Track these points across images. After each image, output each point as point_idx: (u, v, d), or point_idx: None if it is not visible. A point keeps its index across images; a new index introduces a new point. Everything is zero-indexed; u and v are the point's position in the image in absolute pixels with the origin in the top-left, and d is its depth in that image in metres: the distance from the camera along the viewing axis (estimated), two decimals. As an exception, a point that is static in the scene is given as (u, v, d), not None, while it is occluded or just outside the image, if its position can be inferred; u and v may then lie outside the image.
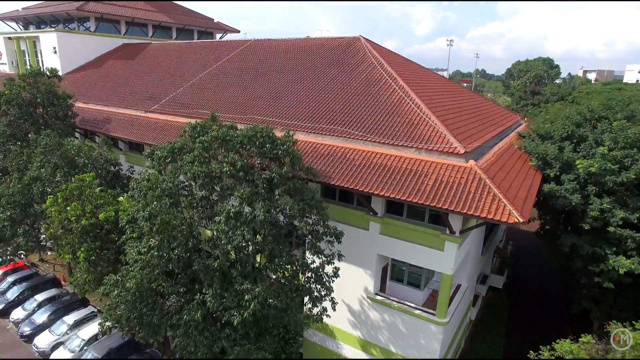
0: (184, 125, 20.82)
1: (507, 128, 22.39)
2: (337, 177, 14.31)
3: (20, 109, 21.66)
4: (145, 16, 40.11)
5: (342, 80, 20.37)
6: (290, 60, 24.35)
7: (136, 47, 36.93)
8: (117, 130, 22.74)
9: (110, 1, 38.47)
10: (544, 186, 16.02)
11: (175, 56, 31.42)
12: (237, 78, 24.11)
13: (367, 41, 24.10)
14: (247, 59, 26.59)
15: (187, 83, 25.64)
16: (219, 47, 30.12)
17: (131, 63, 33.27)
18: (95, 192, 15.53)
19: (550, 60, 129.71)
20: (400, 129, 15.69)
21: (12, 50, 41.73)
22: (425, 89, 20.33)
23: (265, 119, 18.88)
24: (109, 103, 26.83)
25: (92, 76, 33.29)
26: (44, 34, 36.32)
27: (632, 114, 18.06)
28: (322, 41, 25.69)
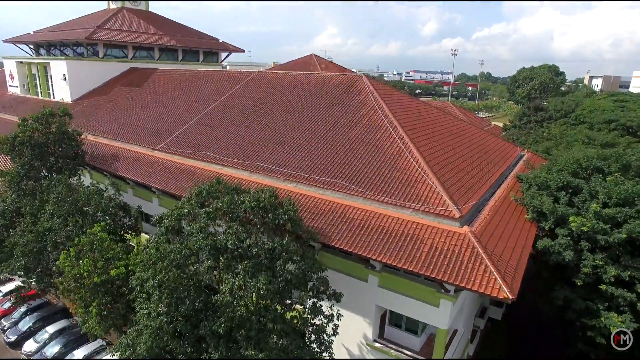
0: (189, 167, 21.62)
1: (506, 169, 22.83)
2: (337, 238, 14.91)
3: (33, 151, 22.45)
4: (152, 41, 40.92)
5: (344, 124, 20.94)
6: (293, 98, 24.94)
7: (143, 72, 37.72)
8: (125, 169, 23.47)
9: (118, 28, 39.31)
10: (538, 243, 16.50)
11: (181, 86, 32.13)
12: (241, 116, 24.75)
13: (369, 79, 24.70)
14: (251, 94, 27.22)
15: (192, 119, 26.32)
16: (224, 78, 30.81)
17: (138, 92, 34.03)
18: (105, 245, 16.24)
19: (556, 67, 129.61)
20: (399, 186, 16.25)
21: (24, 74, 42.73)
22: (423, 134, 20.83)
23: (269, 167, 19.50)
24: (117, 137, 27.58)
25: (100, 105, 34.09)
26: (54, 61, 37.20)
27: (627, 164, 18.46)
28: (325, 77, 26.27)
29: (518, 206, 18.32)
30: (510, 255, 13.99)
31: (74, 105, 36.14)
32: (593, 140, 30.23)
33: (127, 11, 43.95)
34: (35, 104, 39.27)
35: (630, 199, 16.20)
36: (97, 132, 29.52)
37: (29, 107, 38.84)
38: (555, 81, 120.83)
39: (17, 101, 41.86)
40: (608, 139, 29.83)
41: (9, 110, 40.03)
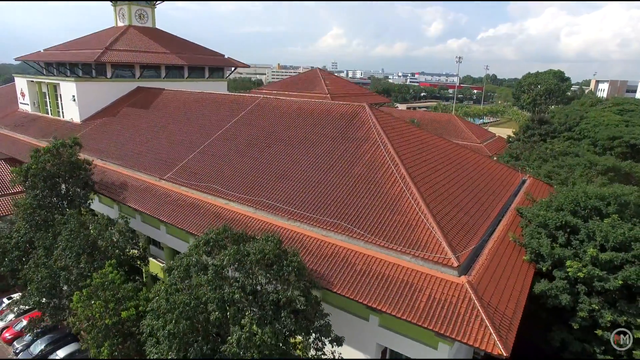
0: (196, 201, 22.19)
1: (508, 199, 23.19)
2: (339, 284, 15.42)
3: (45, 182, 23.17)
4: (159, 60, 41.64)
5: (347, 160, 21.46)
6: (298, 129, 25.46)
7: (149, 93, 38.44)
8: (134, 200, 24.12)
9: (126, 49, 40.05)
10: (535, 286, 16.90)
11: (187, 109, 32.77)
12: (247, 146, 25.31)
13: (372, 109, 25.13)
14: (256, 121, 27.80)
15: (198, 147, 26.93)
16: (229, 103, 31.39)
17: (145, 114, 34.71)
18: (116, 286, 16.88)
19: (561, 73, 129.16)
20: (399, 230, 16.73)
21: (34, 92, 43.63)
22: (425, 168, 21.27)
23: (274, 204, 20.05)
24: (125, 164, 28.24)
25: (108, 127, 34.81)
26: (64, 82, 38.01)
27: (625, 204, 18.77)
28: (329, 106, 26.77)
29: (517, 246, 18.71)
30: (506, 305, 14.42)
31: (83, 125, 36.96)
32: (595, 165, 30.46)
33: (134, 29, 44.70)
34: (46, 123, 40.17)
35: (627, 242, 16.56)
36: (105, 156, 30.22)
37: (40, 127, 39.76)
38: (560, 87, 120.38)
39: (28, 119, 42.75)
40: (609, 164, 30.04)
41: (21, 129, 40.91)
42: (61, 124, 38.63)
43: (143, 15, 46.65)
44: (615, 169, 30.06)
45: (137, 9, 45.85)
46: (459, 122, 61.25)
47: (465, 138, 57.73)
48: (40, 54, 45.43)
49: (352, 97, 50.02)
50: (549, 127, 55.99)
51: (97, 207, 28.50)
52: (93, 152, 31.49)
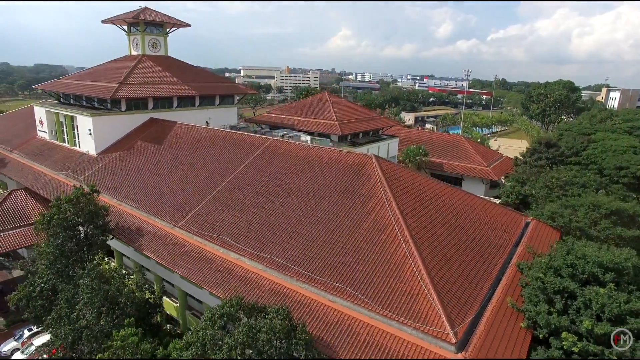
0: (209, 254, 23.24)
1: (511, 249, 23.90)
2: (343, 353, 16.36)
3: (66, 232, 24.45)
4: (171, 92, 42.91)
5: (353, 218, 22.39)
6: (305, 177, 26.43)
7: (162, 125, 39.71)
8: (149, 248, 25.29)
9: (139, 82, 41.37)
10: (532, 354, 17.64)
11: (199, 148, 33.93)
12: (257, 196, 26.34)
13: (377, 160, 26.01)
14: (265, 166, 28.83)
15: (210, 193, 28.03)
16: (239, 144, 32.47)
17: (158, 151, 35.92)
18: (135, 345, 18.02)
19: (571, 83, 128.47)
20: (402, 300, 17.62)
21: (52, 121, 45.16)
22: (428, 226, 22.10)
23: (283, 263, 21.04)
24: (140, 206, 29.43)
25: (123, 162, 36.08)
26: (81, 115, 39.43)
27: (623, 270, 19.40)
28: (336, 155, 27.69)
29: (515, 311, 19.45)
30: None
31: (99, 158, 38.33)
32: (598, 207, 30.92)
33: (147, 59, 46.04)
34: (63, 154, 41.60)
35: (623, 315, 17.23)
36: (121, 196, 31.45)
37: (58, 158, 41.21)
38: (570, 98, 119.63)
39: (46, 148, 44.29)
40: (613, 207, 30.47)
41: (40, 158, 42.43)
42: (78, 156, 40.05)
43: (156, 44, 48.02)
44: (618, 211, 30.49)
45: (150, 39, 47.23)
46: (465, 143, 61.74)
47: (471, 160, 58.27)
48: (58, 83, 47.03)
49: (359, 123, 50.94)
50: (555, 150, 56.22)
51: (114, 243, 29.80)
52: (109, 189, 32.79)
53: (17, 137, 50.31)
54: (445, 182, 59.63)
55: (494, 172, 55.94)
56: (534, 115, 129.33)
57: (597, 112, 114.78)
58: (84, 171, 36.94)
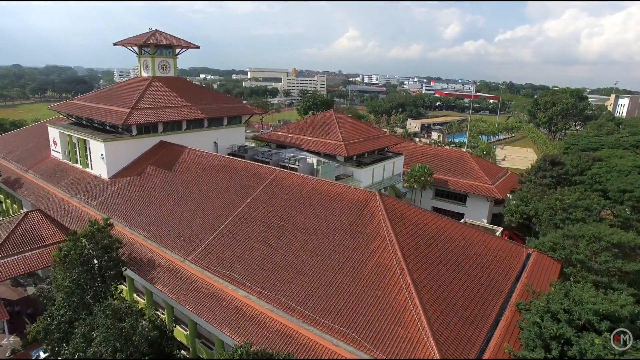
0: (219, 291, 24.14)
1: (510, 288, 24.53)
2: (347, 404, 17.19)
3: (81, 267, 25.53)
4: (181, 116, 43.98)
5: (357, 259, 23.20)
6: (311, 213, 27.27)
7: (172, 150, 40.77)
8: (161, 282, 26.31)
9: (150, 106, 42.48)
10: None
11: (208, 177, 34.91)
12: (264, 231, 27.23)
13: (381, 198, 26.77)
14: (272, 200, 29.72)
15: (219, 225, 28.99)
16: (247, 174, 33.39)
17: (168, 177, 36.95)
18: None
19: (579, 92, 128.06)
20: (402, 347, 18.38)
21: (66, 142, 46.47)
22: (430, 266, 22.83)
23: (289, 303, 21.90)
24: (151, 237, 30.46)
25: (134, 190, 37.10)
26: (93, 140, 40.62)
27: (618, 317, 19.96)
28: (341, 190, 28.52)
29: (512, 357, 20.10)
30: None
31: (110, 183, 39.48)
32: (600, 239, 31.33)
33: (157, 81, 47.16)
34: (76, 177, 42.81)
35: (617, 362, 17.83)
36: (133, 225, 32.51)
37: (71, 181, 42.44)
38: (578, 107, 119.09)
39: (60, 169, 45.59)
40: (614, 240, 30.87)
41: (54, 180, 43.73)
42: (91, 179, 41.24)
43: (165, 66, 49.16)
44: (620, 244, 30.90)
45: (160, 61, 48.37)
46: (470, 160, 62.17)
47: (476, 177, 58.72)
48: (71, 105, 48.32)
49: (365, 142, 51.67)
50: (560, 169, 56.47)
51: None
52: (121, 216, 33.89)
53: (31, 156, 51.75)
54: (450, 199, 60.10)
55: (498, 190, 56.34)
56: (541, 123, 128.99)
57: (604, 121, 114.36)
58: (96, 196, 38.10)
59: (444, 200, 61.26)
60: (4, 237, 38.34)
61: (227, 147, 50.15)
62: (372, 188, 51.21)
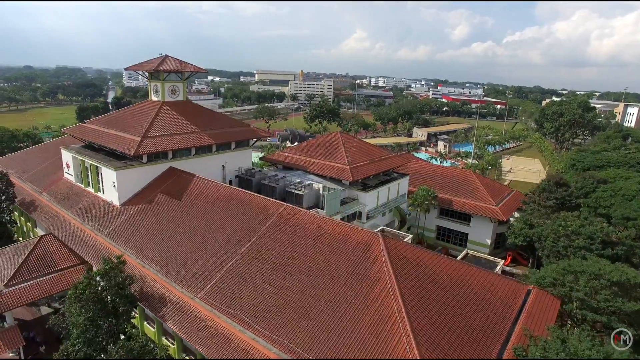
0: (228, 332, 25.12)
1: (509, 330, 25.22)
2: None
3: (96, 305, 26.70)
4: (190, 143, 45.11)
5: (360, 305, 24.07)
6: (316, 255, 28.19)
7: (181, 178, 41.90)
8: (172, 320, 27.36)
9: (161, 134, 43.66)
10: None
11: (216, 210, 35.95)
12: (271, 270, 28.19)
13: (384, 240, 27.58)
14: (279, 237, 30.67)
15: (228, 262, 30.01)
16: (254, 207, 34.38)
17: (178, 207, 38.04)
18: None
19: (586, 102, 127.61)
20: (402, 401, 19.22)
21: (78, 165, 47.83)
22: (430, 312, 23.60)
23: (296, 349, 22.81)
24: (161, 271, 31.52)
25: (145, 220, 38.19)
26: (106, 168, 41.88)
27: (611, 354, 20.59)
28: (346, 230, 29.39)
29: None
30: None
31: (122, 210, 40.69)
32: (600, 276, 31.80)
33: (167, 106, 48.29)
34: (89, 202, 44.09)
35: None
36: (144, 257, 33.63)
37: (84, 206, 43.75)
38: (585, 117, 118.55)
39: (72, 192, 46.95)
40: (615, 278, 31.32)
41: (67, 204, 45.10)
42: (102, 205, 42.50)
43: (175, 90, 50.34)
44: (619, 283, 31.34)
45: (169, 86, 49.55)
46: (475, 179, 62.66)
47: (480, 198, 59.20)
48: (84, 129, 49.68)
49: (370, 165, 52.40)
50: (565, 190, 56.76)
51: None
52: (133, 247, 35.06)
53: (45, 177, 53.29)
54: (454, 218, 60.52)
55: (502, 211, 56.79)
56: (548, 133, 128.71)
57: (612, 132, 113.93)
58: (108, 224, 39.33)
59: (448, 219, 61.81)
60: (19, 262, 39.72)
61: (235, 170, 51.25)
62: (377, 210, 52.23)
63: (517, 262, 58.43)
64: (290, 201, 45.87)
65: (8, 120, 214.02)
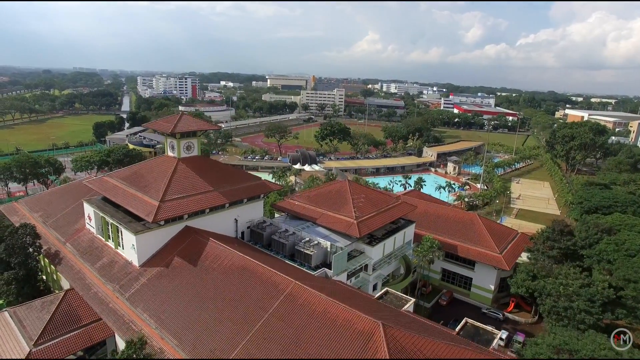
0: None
1: None
2: None
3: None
4: (204, 204, 47.47)
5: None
6: (321, 339, 30.28)
7: (197, 241, 44.35)
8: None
9: (176, 196, 46.17)
10: None
11: (228, 277, 38.28)
12: (280, 354, 30.35)
13: (384, 329, 29.52)
14: (288, 317, 32.85)
15: (240, 343, 32.26)
16: (264, 283, 36.62)
17: (194, 273, 40.48)
18: None
19: (598, 126, 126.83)
20: None
21: (99, 219, 50.69)
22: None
23: None
24: (180, 345, 33.94)
25: (163, 285, 40.71)
26: (126, 231, 44.56)
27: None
28: (349, 317, 31.42)
29: None
30: None
31: (141, 271, 43.30)
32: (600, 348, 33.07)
33: (182, 164, 50.78)
34: (109, 259, 46.83)
35: None
36: (163, 327, 36.03)
37: (105, 263, 46.49)
38: (596, 142, 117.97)
39: (94, 246, 49.80)
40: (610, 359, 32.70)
41: (90, 259, 47.94)
42: (122, 264, 45.21)
43: (190, 146, 52.83)
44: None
45: (185, 143, 52.05)
46: (480, 224, 64.00)
47: (484, 245, 60.59)
48: (104, 184, 52.49)
49: (377, 217, 54.13)
50: (568, 240, 57.83)
51: None
52: (152, 316, 37.55)
53: (68, 225, 56.39)
54: (459, 262, 61.98)
55: (506, 259, 58.09)
56: (559, 155, 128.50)
57: (623, 158, 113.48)
58: (128, 286, 41.96)
59: (453, 263, 63.40)
60: (47, 318, 42.58)
61: (247, 222, 53.63)
62: (383, 261, 54.11)
63: (521, 308, 59.75)
64: (300, 259, 48.16)
65: (29, 132, 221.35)
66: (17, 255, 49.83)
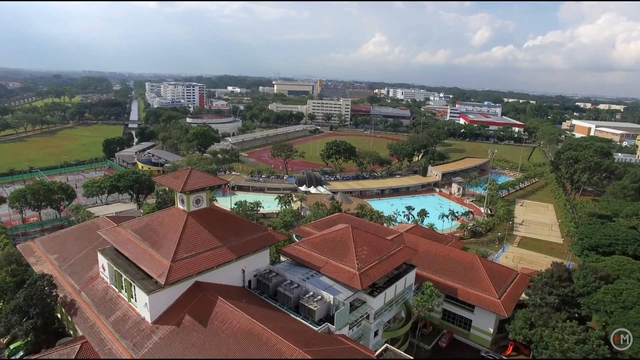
0: None
1: None
2: None
3: None
4: (213, 262, 49.66)
5: None
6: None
7: (207, 300, 46.57)
8: None
9: (187, 255, 48.44)
10: None
11: (236, 345, 40.41)
12: None
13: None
14: (291, 392, 34.89)
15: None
16: (270, 349, 38.71)
17: (203, 334, 42.68)
18: None
19: (603, 147, 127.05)
20: None
21: (113, 271, 53.16)
22: None
23: None
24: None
25: (174, 346, 43.02)
26: (139, 289, 46.92)
27: None
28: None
29: None
30: None
31: (153, 328, 45.65)
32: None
33: (192, 218, 53.07)
34: (123, 313, 49.20)
35: None
36: (174, 394, 38.39)
37: (119, 317, 48.85)
38: (601, 165, 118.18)
39: (108, 297, 52.28)
40: None
41: (104, 310, 50.38)
42: (136, 320, 47.57)
43: (199, 200, 55.07)
44: None
45: (194, 197, 54.31)
46: (480, 266, 65.56)
47: (483, 289, 62.19)
48: (117, 235, 54.95)
49: (379, 266, 55.97)
50: (566, 287, 59.11)
51: None
52: (164, 380, 39.87)
53: (83, 270, 59.00)
54: (460, 303, 63.56)
55: (504, 305, 59.60)
56: (564, 178, 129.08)
57: (628, 182, 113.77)
58: (141, 344, 44.24)
59: (453, 304, 65.04)
60: (64, 374, 45.12)
61: (254, 271, 55.79)
62: (384, 309, 55.97)
63: (519, 351, 61.29)
64: (304, 312, 50.23)
65: (41, 145, 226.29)
66: (35, 306, 52.66)
